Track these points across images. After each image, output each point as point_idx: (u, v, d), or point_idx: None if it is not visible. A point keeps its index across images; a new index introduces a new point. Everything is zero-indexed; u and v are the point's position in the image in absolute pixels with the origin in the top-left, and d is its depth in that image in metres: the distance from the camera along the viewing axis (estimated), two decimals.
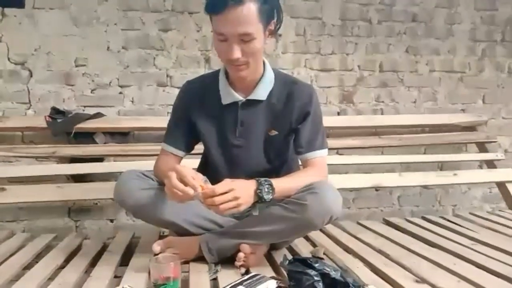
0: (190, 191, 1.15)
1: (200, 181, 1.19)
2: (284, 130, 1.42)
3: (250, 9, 1.19)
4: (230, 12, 1.18)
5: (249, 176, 1.32)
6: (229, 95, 1.41)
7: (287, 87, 1.42)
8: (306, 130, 1.41)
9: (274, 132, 1.42)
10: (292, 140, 1.45)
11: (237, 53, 1.23)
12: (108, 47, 2.19)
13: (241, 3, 1.18)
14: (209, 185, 1.21)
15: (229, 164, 1.45)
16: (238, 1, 1.17)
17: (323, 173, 1.41)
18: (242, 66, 1.28)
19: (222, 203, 1.16)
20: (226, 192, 1.16)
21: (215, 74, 1.46)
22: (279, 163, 1.47)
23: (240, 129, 1.42)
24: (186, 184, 1.16)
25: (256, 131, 1.42)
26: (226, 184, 1.19)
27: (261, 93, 1.40)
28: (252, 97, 1.40)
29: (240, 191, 1.18)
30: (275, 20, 1.31)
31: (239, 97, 1.40)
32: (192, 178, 1.17)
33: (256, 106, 1.41)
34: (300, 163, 1.48)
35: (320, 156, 1.42)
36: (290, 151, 1.49)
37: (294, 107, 1.40)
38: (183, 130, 1.46)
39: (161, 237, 1.62)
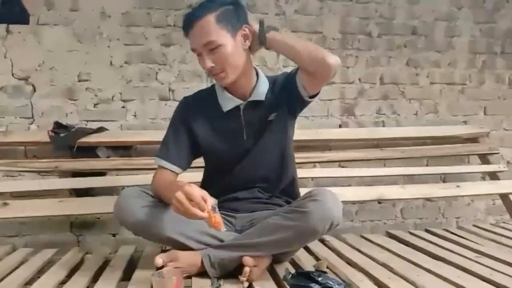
0: (204, 215, 1.17)
1: (209, 202, 1.19)
2: (283, 110, 1.45)
3: (209, 20, 1.31)
4: (194, 29, 1.33)
5: (263, 175, 1.46)
6: (230, 101, 1.44)
7: (276, 82, 1.49)
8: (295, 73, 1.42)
9: (273, 116, 1.45)
10: (301, 85, 1.41)
11: (208, 63, 1.33)
12: (111, 62, 2.21)
13: (199, 18, 1.31)
14: (217, 214, 1.21)
15: (243, 168, 1.46)
16: (197, 17, 1.32)
17: None
18: (220, 74, 1.36)
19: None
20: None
21: (212, 87, 1.51)
22: (281, 154, 1.50)
23: (247, 131, 1.44)
24: (194, 204, 1.17)
25: (260, 127, 1.45)
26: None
27: (260, 94, 1.45)
28: (252, 98, 1.44)
29: None
30: (245, 23, 1.37)
31: (239, 100, 1.44)
32: (202, 199, 1.17)
33: (258, 107, 1.45)
34: None
35: None
36: (289, 141, 1.52)
37: (281, 86, 1.46)
38: (182, 145, 1.47)
39: (164, 251, 1.62)
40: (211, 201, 1.19)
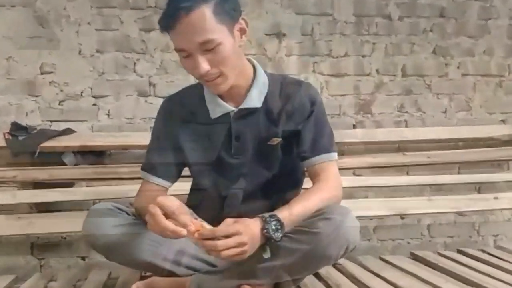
0: (183, 232, 1.14)
1: (188, 215, 1.17)
2: (287, 136, 1.43)
3: (204, 13, 1.23)
4: (183, 23, 1.22)
5: (251, 198, 1.39)
6: (218, 106, 1.42)
7: (285, 89, 1.44)
8: (309, 131, 1.41)
9: (276, 141, 1.42)
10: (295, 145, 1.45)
11: (204, 66, 1.25)
12: (79, 51, 2.21)
13: (191, 9, 1.21)
14: (201, 222, 1.19)
15: (227, 187, 1.45)
16: (188, 8, 1.21)
17: (335, 186, 1.40)
18: (217, 79, 1.30)
19: (224, 249, 1.13)
20: (228, 236, 1.14)
21: (199, 85, 1.47)
22: (286, 178, 1.47)
23: (236, 145, 1.42)
24: (172, 220, 1.14)
25: (255, 144, 1.43)
26: (230, 226, 1.16)
27: (255, 100, 1.41)
28: (245, 105, 1.41)
29: (246, 235, 1.15)
30: (240, 15, 1.32)
31: (230, 107, 1.41)
32: (181, 214, 1.15)
33: (252, 115, 1.42)
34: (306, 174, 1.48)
35: (329, 161, 1.42)
36: (297, 163, 1.48)
37: (295, 109, 1.42)
38: (168, 156, 1.46)
39: (143, 277, 1.61)
40: (188, 211, 1.19)
